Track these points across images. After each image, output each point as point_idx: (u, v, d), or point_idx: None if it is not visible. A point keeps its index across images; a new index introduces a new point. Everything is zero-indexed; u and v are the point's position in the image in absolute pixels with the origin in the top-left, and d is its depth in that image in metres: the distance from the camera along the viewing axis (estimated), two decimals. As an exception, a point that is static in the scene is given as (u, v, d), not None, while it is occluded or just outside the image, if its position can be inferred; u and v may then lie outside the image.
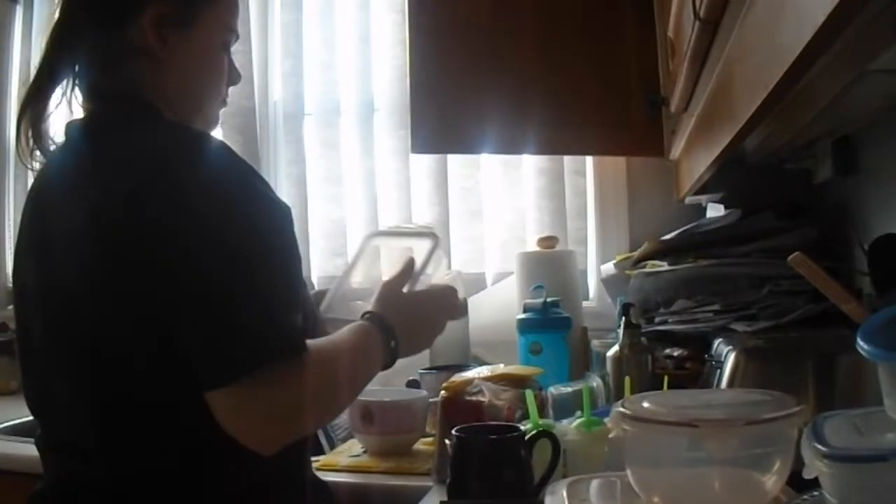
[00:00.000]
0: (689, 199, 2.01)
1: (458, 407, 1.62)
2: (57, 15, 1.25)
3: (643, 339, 1.79)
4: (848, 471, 0.76)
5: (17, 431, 2.39)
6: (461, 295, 1.47)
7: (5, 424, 2.45)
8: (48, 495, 1.23)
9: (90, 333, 1.13)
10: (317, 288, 2.70)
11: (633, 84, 2.12)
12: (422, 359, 2.11)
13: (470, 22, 2.16)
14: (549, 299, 2.05)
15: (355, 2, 2.75)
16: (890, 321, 0.83)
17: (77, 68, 1.24)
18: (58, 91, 1.25)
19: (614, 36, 2.15)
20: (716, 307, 1.59)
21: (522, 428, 1.39)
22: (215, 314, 1.03)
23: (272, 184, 2.78)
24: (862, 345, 0.79)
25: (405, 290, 1.39)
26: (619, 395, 1.61)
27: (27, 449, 2.17)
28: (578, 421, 1.43)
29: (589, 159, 2.55)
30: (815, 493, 0.84)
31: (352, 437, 2.09)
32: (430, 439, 1.88)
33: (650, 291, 1.83)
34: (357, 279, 1.67)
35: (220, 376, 1.02)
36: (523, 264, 2.31)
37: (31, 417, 2.46)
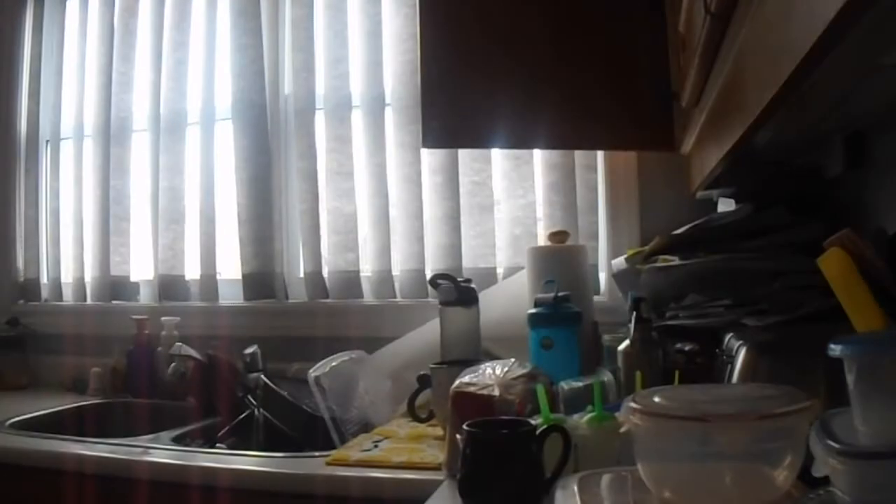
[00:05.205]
0: (700, 194, 2.01)
1: (469, 402, 1.62)
2: None
3: (654, 333, 1.78)
4: (865, 468, 0.76)
5: (29, 426, 2.41)
6: None
7: (17, 419, 2.46)
8: None
9: None
10: (327, 275, 2.71)
11: (644, 78, 2.11)
12: (433, 354, 2.12)
13: (481, 16, 2.16)
14: (560, 294, 2.05)
15: (366, -4, 2.76)
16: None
17: None
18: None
19: (625, 30, 2.14)
20: (727, 302, 1.59)
21: (533, 422, 1.39)
22: None
23: (283, 178, 2.85)
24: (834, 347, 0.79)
25: None
26: (630, 389, 1.60)
27: (38, 443, 2.19)
28: (589, 415, 1.44)
29: (600, 154, 2.55)
30: (827, 490, 0.84)
31: (363, 431, 2.11)
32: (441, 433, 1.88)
33: (661, 286, 1.82)
34: None
35: None
36: (534, 259, 2.31)
37: (42, 412, 2.50)
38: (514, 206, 2.61)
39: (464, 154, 2.64)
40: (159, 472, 1.98)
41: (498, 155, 2.64)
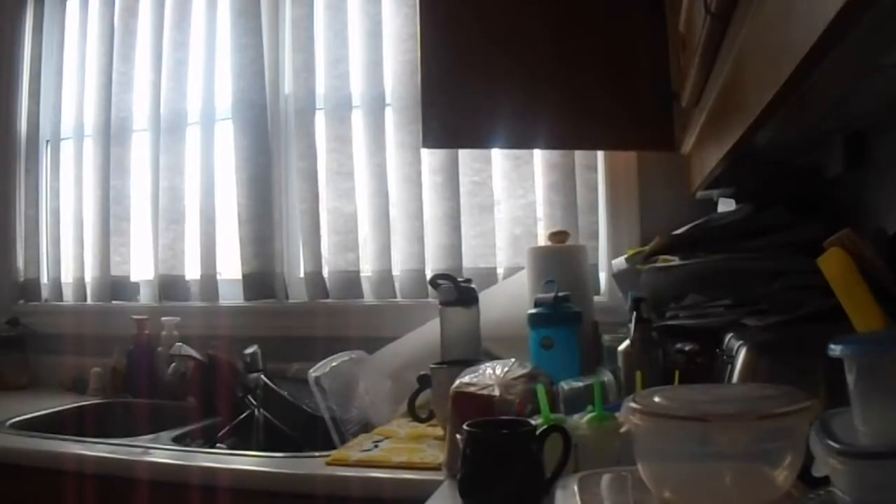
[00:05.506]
0: (700, 194, 2.01)
1: (469, 401, 1.62)
2: None
3: (654, 333, 1.78)
4: (865, 468, 0.76)
5: (29, 426, 2.41)
6: None
7: (17, 419, 2.46)
8: None
9: None
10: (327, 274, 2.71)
11: (644, 78, 2.11)
12: (433, 354, 2.12)
13: (481, 16, 2.16)
14: (560, 294, 2.05)
15: (366, -4, 2.76)
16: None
17: None
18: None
19: (625, 30, 2.14)
20: (727, 302, 1.59)
21: (533, 422, 1.39)
22: None
23: (283, 178, 2.85)
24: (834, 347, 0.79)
25: None
26: (630, 389, 1.60)
27: (38, 443, 2.19)
28: (590, 415, 1.44)
29: (600, 154, 2.55)
30: (827, 490, 0.84)
31: (363, 431, 2.11)
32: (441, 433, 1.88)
33: (661, 286, 1.82)
34: None
35: None
36: (534, 259, 2.31)
37: (42, 412, 2.50)
38: (514, 206, 2.61)
39: (464, 154, 2.64)
40: (159, 472, 1.98)
41: (498, 155, 2.63)
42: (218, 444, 2.32)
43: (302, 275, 2.88)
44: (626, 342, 1.80)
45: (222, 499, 1.88)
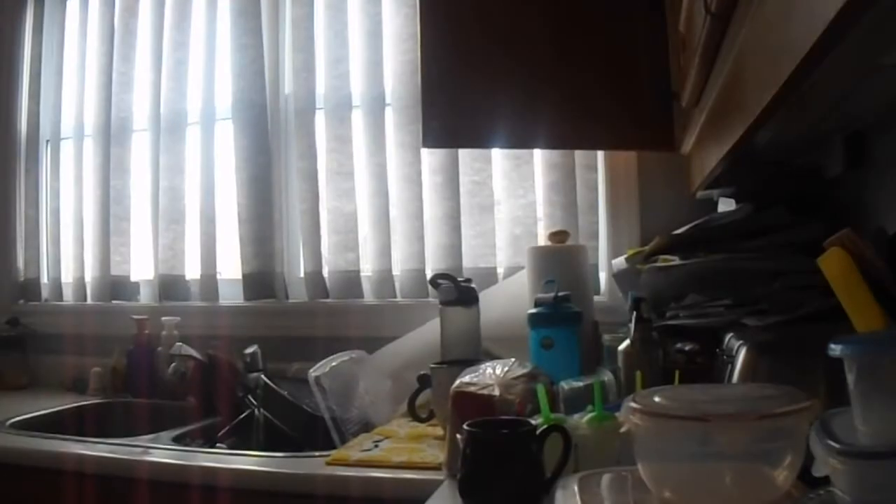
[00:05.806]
0: (700, 194, 2.01)
1: (469, 401, 1.62)
2: None
3: (654, 333, 1.78)
4: (865, 468, 0.75)
5: (29, 426, 2.41)
6: None
7: (17, 419, 2.46)
8: None
9: None
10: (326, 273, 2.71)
11: (644, 78, 2.11)
12: (433, 354, 2.12)
13: (481, 16, 2.16)
14: (560, 294, 2.05)
15: (366, -4, 2.76)
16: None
17: None
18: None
19: (625, 30, 2.14)
20: (727, 302, 1.59)
21: (534, 422, 1.39)
22: None
23: (283, 178, 2.85)
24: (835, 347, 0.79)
25: None
26: (630, 389, 1.60)
27: (38, 443, 2.19)
28: (590, 415, 1.44)
29: (600, 154, 2.55)
30: (827, 490, 0.84)
31: (363, 431, 2.11)
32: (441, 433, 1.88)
33: (661, 286, 1.82)
34: None
35: None
36: (534, 259, 2.31)
37: (42, 412, 2.50)
38: (515, 205, 2.61)
39: (464, 154, 2.64)
40: (159, 472, 1.98)
41: (498, 155, 2.63)
42: (218, 444, 2.32)
43: (302, 275, 2.88)
44: (626, 342, 1.80)
45: (222, 499, 1.88)
